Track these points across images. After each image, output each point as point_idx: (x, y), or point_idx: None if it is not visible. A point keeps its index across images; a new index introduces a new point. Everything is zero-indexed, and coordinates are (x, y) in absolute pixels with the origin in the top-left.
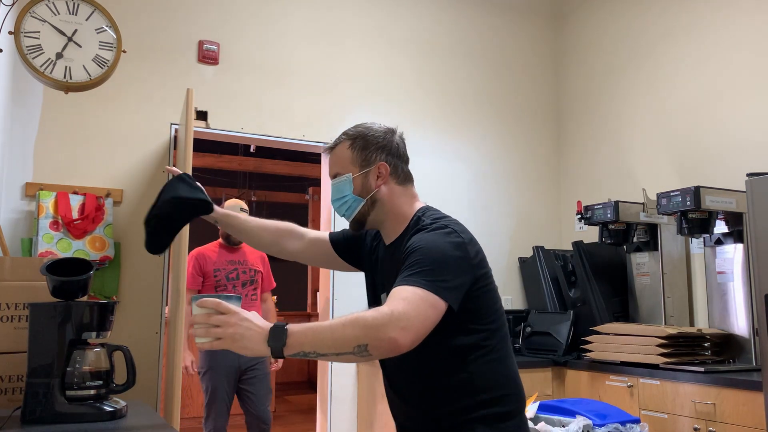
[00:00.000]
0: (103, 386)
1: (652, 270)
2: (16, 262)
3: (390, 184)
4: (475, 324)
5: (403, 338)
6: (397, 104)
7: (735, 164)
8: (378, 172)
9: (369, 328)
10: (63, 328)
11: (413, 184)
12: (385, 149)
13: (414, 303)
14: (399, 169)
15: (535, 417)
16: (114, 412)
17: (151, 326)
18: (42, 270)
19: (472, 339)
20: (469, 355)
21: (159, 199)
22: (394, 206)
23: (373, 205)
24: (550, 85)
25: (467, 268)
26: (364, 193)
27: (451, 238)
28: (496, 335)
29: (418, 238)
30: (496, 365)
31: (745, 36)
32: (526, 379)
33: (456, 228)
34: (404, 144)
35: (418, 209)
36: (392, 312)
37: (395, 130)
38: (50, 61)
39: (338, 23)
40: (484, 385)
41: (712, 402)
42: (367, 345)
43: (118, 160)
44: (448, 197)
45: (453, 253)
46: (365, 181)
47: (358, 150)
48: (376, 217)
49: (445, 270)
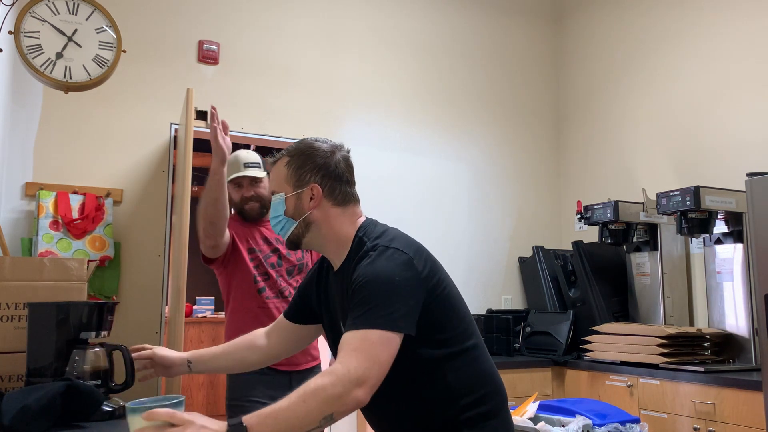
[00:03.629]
0: (102, 386)
1: (651, 270)
2: (16, 262)
3: (324, 207)
4: (441, 333)
5: (364, 394)
6: (396, 104)
7: (735, 164)
8: (311, 193)
9: (331, 398)
10: (62, 328)
11: (357, 203)
12: (321, 170)
13: (365, 352)
14: (336, 190)
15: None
16: (113, 412)
17: (151, 326)
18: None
19: (442, 350)
20: (443, 365)
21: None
22: (331, 229)
23: (307, 227)
24: (550, 85)
25: (418, 285)
26: (296, 214)
27: (396, 258)
28: (465, 337)
29: (362, 270)
30: (472, 367)
31: (745, 36)
32: (526, 379)
33: (398, 245)
34: (347, 164)
35: (359, 228)
36: (347, 372)
37: (341, 147)
38: (50, 60)
39: (338, 23)
40: (464, 390)
41: (712, 402)
42: (333, 414)
43: (118, 160)
44: (448, 197)
45: (401, 275)
46: (298, 202)
47: (294, 169)
48: (313, 240)
49: (395, 297)
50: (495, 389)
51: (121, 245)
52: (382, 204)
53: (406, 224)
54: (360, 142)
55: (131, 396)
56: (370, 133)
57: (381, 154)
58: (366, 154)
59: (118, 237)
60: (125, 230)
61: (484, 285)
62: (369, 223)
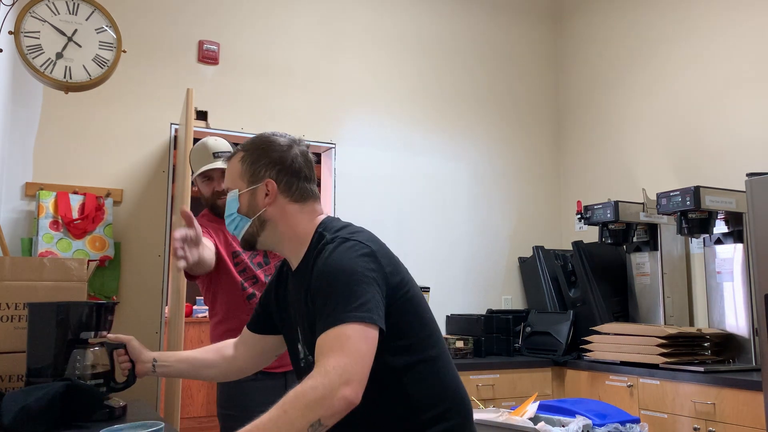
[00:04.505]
0: (104, 385)
1: (651, 270)
2: (16, 262)
3: (280, 203)
4: (402, 339)
5: (351, 392)
6: (396, 104)
7: (735, 164)
8: (266, 189)
9: (313, 402)
10: (62, 328)
11: (317, 200)
12: (277, 165)
13: (343, 348)
14: (293, 186)
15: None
16: (112, 412)
17: (151, 326)
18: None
19: (403, 358)
20: (403, 376)
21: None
22: (288, 227)
23: (262, 225)
24: (550, 85)
25: (382, 278)
26: (250, 212)
27: (356, 249)
28: (428, 345)
29: (321, 265)
30: (434, 379)
31: (745, 37)
32: (526, 379)
33: (360, 238)
34: (305, 158)
35: (319, 224)
36: (326, 371)
37: (300, 142)
38: (50, 61)
39: (338, 23)
40: (425, 403)
41: (712, 402)
42: (320, 419)
43: (118, 160)
44: (447, 197)
45: (364, 267)
46: (252, 199)
47: (248, 164)
48: (268, 239)
49: (361, 288)
50: (459, 405)
51: (121, 245)
52: (382, 204)
53: (405, 224)
54: (359, 141)
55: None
56: (369, 132)
57: (380, 154)
58: (365, 153)
59: (118, 237)
60: (125, 230)
61: (484, 285)
62: (329, 219)
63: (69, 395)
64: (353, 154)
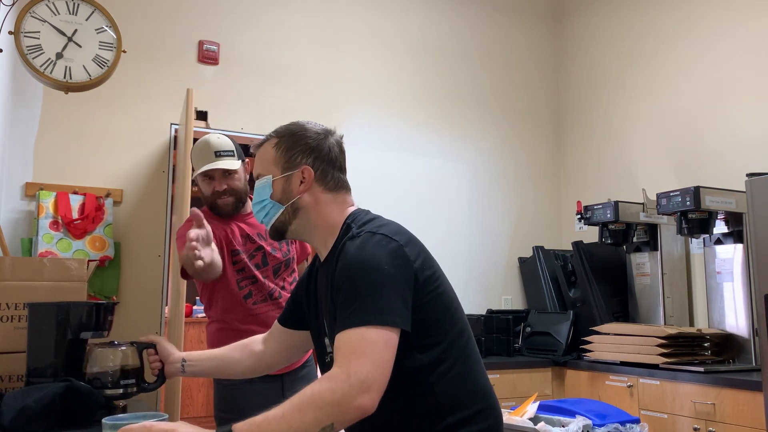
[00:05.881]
0: (134, 385)
1: (651, 270)
2: (16, 262)
3: (315, 191)
4: (432, 337)
5: (369, 401)
6: (397, 104)
7: (735, 164)
8: (302, 176)
9: (330, 406)
10: (62, 328)
11: (349, 192)
12: (313, 152)
13: (367, 353)
14: (328, 175)
15: (535, 417)
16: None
17: (151, 326)
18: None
19: (431, 355)
20: (430, 374)
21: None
22: (320, 216)
23: (295, 213)
24: (550, 85)
25: (409, 274)
26: (284, 199)
27: (384, 245)
28: (458, 344)
29: (347, 259)
30: (463, 379)
31: (745, 37)
32: (526, 379)
33: (387, 232)
34: (340, 149)
35: (348, 215)
36: (348, 376)
37: (333, 132)
38: (50, 61)
39: (338, 23)
40: (453, 406)
41: (712, 402)
42: (333, 424)
43: (118, 160)
44: (447, 197)
45: (390, 263)
46: (287, 185)
47: (283, 150)
48: (299, 227)
49: (386, 288)
50: (489, 407)
51: (121, 245)
52: (382, 204)
53: (405, 224)
54: (359, 142)
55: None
56: (369, 133)
57: (380, 154)
58: (365, 153)
59: (118, 237)
60: (125, 230)
61: (484, 285)
62: (359, 211)
63: (69, 395)
64: (353, 155)
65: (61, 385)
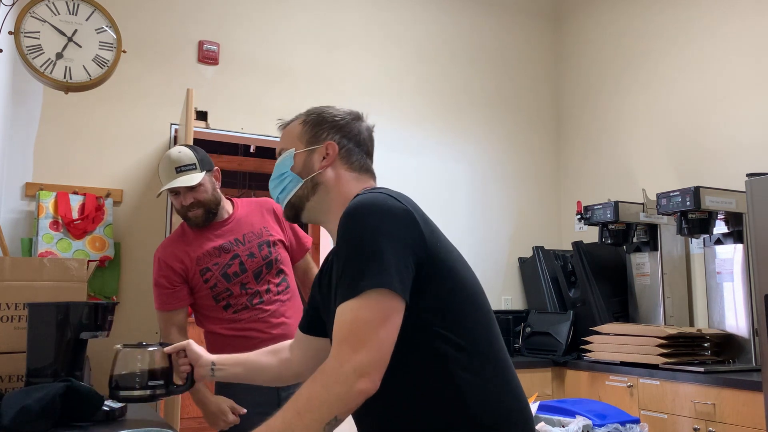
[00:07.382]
0: (163, 386)
1: (651, 270)
2: (16, 262)
3: (337, 168)
4: (452, 332)
5: (370, 383)
6: (397, 104)
7: (735, 164)
8: (325, 152)
9: (328, 402)
10: (62, 328)
11: (373, 178)
12: (341, 130)
13: (358, 334)
14: (353, 155)
15: (535, 417)
16: (112, 412)
17: (151, 326)
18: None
19: (458, 344)
20: (451, 364)
21: None
22: (340, 194)
23: (314, 189)
24: (550, 85)
25: (415, 236)
26: (304, 172)
27: (387, 202)
28: (487, 339)
29: (341, 221)
30: (494, 384)
31: (745, 37)
32: (526, 379)
33: (391, 193)
34: (369, 135)
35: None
36: (340, 366)
37: (363, 117)
38: (50, 61)
39: (338, 24)
40: (480, 409)
41: (712, 402)
42: (337, 416)
43: (118, 160)
44: (448, 197)
45: (391, 219)
46: (308, 159)
47: (310, 126)
48: (317, 206)
49: (384, 246)
50: (523, 422)
51: (121, 245)
52: None
53: None
54: None
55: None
56: None
57: (380, 154)
58: None
59: (118, 237)
60: (125, 230)
61: (484, 285)
62: (377, 187)
63: (69, 395)
64: None
65: (61, 385)
